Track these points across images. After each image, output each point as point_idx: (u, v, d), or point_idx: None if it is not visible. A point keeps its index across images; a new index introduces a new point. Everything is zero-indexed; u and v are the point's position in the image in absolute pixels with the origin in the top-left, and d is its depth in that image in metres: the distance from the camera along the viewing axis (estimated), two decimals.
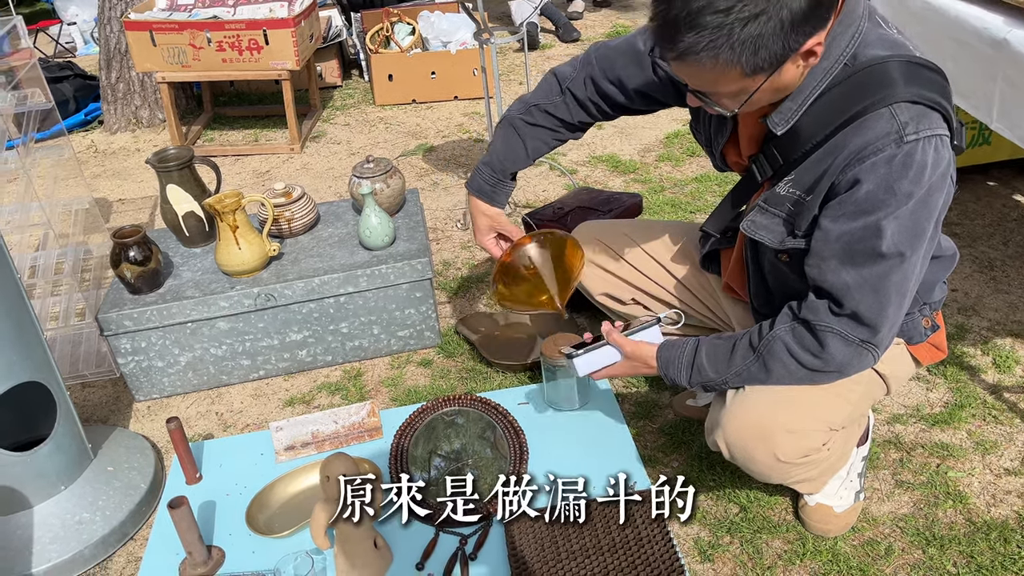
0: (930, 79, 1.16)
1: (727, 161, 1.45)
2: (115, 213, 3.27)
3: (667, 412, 1.96)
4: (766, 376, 1.34)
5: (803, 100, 1.20)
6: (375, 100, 4.19)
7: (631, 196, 2.45)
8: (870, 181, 1.15)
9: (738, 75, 1.10)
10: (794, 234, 1.27)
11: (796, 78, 1.16)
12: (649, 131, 3.60)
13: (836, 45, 1.17)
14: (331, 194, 3.28)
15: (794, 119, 1.21)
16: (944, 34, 2.00)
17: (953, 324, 2.15)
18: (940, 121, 1.16)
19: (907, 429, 1.85)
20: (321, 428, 1.89)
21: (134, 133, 4.11)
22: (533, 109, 1.58)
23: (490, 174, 1.61)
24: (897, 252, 1.19)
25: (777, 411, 1.35)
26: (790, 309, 1.32)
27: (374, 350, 2.25)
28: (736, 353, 1.36)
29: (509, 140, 1.60)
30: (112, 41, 4.02)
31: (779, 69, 1.11)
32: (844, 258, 1.21)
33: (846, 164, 1.16)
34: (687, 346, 1.41)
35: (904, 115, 1.13)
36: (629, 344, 1.46)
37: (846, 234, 1.20)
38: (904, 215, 1.16)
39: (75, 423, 1.78)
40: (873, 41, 1.18)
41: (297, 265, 2.15)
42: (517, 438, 1.80)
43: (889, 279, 1.21)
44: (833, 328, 1.26)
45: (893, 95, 1.14)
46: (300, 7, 3.61)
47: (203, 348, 2.13)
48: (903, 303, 1.25)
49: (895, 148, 1.13)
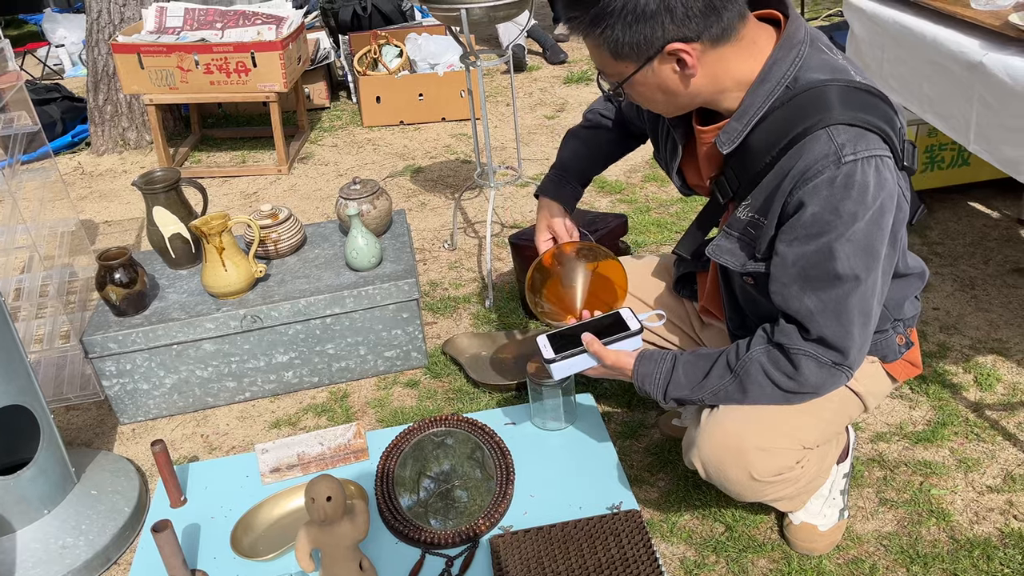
0: (868, 102, 1.19)
1: (688, 184, 1.49)
2: (101, 235, 3.27)
3: (653, 432, 1.97)
4: (742, 396, 1.36)
5: (747, 121, 1.24)
6: (363, 121, 4.21)
7: (616, 217, 2.47)
8: (814, 203, 1.18)
9: (607, 57, 1.22)
10: (755, 257, 1.30)
11: (677, 84, 1.22)
12: (635, 152, 3.63)
13: (777, 68, 1.21)
14: (319, 215, 3.29)
15: (739, 139, 1.25)
16: (921, 56, 2.03)
17: (935, 342, 2.18)
18: (879, 142, 1.18)
19: (890, 447, 1.87)
20: (307, 450, 1.89)
21: (121, 155, 4.11)
22: (588, 115, 1.72)
23: (555, 173, 1.70)
24: (852, 274, 1.22)
25: (749, 429, 1.36)
26: (764, 331, 1.33)
27: (360, 371, 2.25)
28: (713, 372, 1.37)
29: (569, 144, 1.72)
30: (100, 63, 4.03)
31: (648, 65, 1.20)
32: (803, 283, 1.24)
33: (792, 186, 1.20)
34: (664, 362, 1.41)
35: (841, 137, 1.16)
36: (610, 355, 1.46)
37: (801, 258, 1.22)
38: (854, 236, 1.19)
39: (59, 447, 1.77)
40: (814, 65, 1.22)
41: (284, 286, 2.15)
42: (504, 458, 1.80)
43: (848, 301, 1.24)
44: (806, 351, 1.28)
45: (830, 118, 1.17)
46: (288, 30, 3.63)
47: (189, 370, 2.12)
48: (868, 323, 1.28)
49: (834, 169, 1.16)
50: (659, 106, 1.30)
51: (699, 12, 1.14)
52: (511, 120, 4.15)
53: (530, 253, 2.37)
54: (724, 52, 1.20)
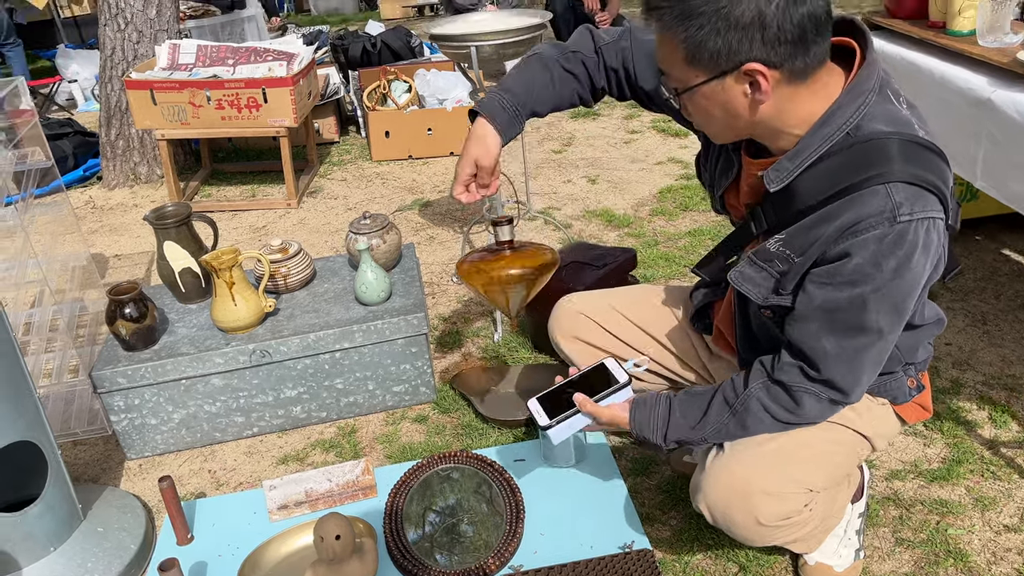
0: (928, 160, 1.17)
1: (726, 204, 1.46)
2: (111, 268, 3.28)
3: (664, 468, 1.95)
4: (743, 432, 1.36)
5: (800, 161, 1.21)
6: (372, 156, 4.24)
7: (624, 251, 2.47)
8: (859, 255, 1.17)
9: (680, 59, 1.16)
10: (779, 291, 1.29)
11: (744, 107, 1.18)
12: (642, 186, 3.65)
13: (841, 113, 1.19)
14: (328, 249, 3.30)
15: (789, 179, 1.23)
16: (929, 93, 2.04)
17: (948, 378, 2.16)
18: (935, 203, 1.17)
19: (905, 485, 1.84)
20: (315, 486, 1.87)
21: (132, 189, 4.14)
22: (571, 55, 1.50)
23: (509, 101, 1.47)
24: (878, 328, 1.22)
25: (756, 473, 1.34)
26: (763, 366, 1.33)
27: (369, 406, 2.24)
28: (711, 410, 1.37)
29: (539, 76, 1.49)
30: (113, 99, 4.08)
31: (721, 79, 1.15)
32: (825, 325, 1.23)
33: (839, 236, 1.18)
34: (659, 406, 1.40)
35: (900, 195, 1.14)
36: (605, 412, 1.45)
37: (830, 302, 1.21)
38: (888, 293, 1.18)
39: (66, 483, 1.76)
40: (878, 115, 1.19)
41: (293, 321, 2.15)
42: (513, 496, 1.79)
43: (867, 353, 1.24)
44: (808, 389, 1.29)
45: (890, 173, 1.15)
46: (299, 66, 3.68)
47: (197, 405, 2.11)
48: (877, 370, 1.29)
49: (888, 227, 1.14)
50: (713, 126, 1.25)
51: (790, 39, 1.11)
52: (518, 154, 4.18)
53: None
54: (797, 90, 1.17)
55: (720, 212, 1.50)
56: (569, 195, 3.64)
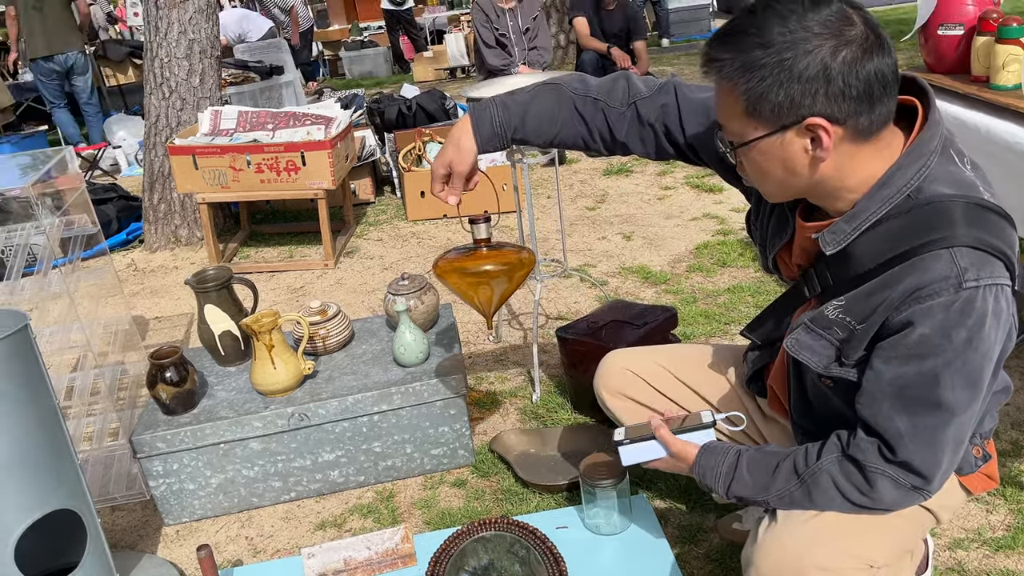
0: (994, 224, 1.13)
1: (777, 264, 1.42)
2: (152, 331, 3.32)
3: (712, 536, 1.88)
4: (809, 504, 1.29)
5: (858, 224, 1.17)
6: (407, 216, 4.28)
7: (665, 310, 2.44)
8: (925, 325, 1.11)
9: (740, 111, 1.14)
10: (841, 362, 1.23)
11: (804, 164, 1.15)
12: (678, 242, 3.63)
13: (901, 175, 1.15)
14: (365, 309, 3.30)
15: (846, 241, 1.19)
16: (975, 148, 2.01)
17: (1008, 440, 2.07)
18: (1002, 269, 1.12)
19: (969, 555, 1.75)
20: (354, 555, 1.83)
21: (173, 251, 4.22)
22: (591, 100, 1.46)
23: (502, 120, 1.45)
24: (954, 404, 1.15)
25: (811, 548, 1.26)
26: (839, 440, 1.27)
27: (407, 470, 2.20)
28: (779, 474, 1.31)
29: (545, 109, 1.46)
30: (156, 164, 4.18)
31: (782, 133, 1.12)
32: (897, 403, 1.17)
33: (901, 302, 1.13)
34: (728, 456, 1.36)
35: (964, 260, 1.10)
36: (677, 443, 1.42)
37: (899, 378, 1.16)
38: (962, 366, 1.12)
39: (104, 551, 1.74)
40: (941, 177, 1.15)
41: (331, 383, 2.14)
42: (557, 566, 1.73)
43: (946, 431, 1.17)
44: (885, 472, 1.21)
45: (954, 237, 1.10)
46: (336, 130, 3.75)
47: (235, 469, 2.10)
48: (959, 451, 1.21)
49: (953, 293, 1.09)
50: (769, 183, 1.21)
51: (855, 95, 1.08)
52: (553, 212, 4.19)
53: (578, 347, 2.34)
54: (860, 149, 1.14)
55: (770, 272, 1.46)
56: (604, 252, 3.63)
